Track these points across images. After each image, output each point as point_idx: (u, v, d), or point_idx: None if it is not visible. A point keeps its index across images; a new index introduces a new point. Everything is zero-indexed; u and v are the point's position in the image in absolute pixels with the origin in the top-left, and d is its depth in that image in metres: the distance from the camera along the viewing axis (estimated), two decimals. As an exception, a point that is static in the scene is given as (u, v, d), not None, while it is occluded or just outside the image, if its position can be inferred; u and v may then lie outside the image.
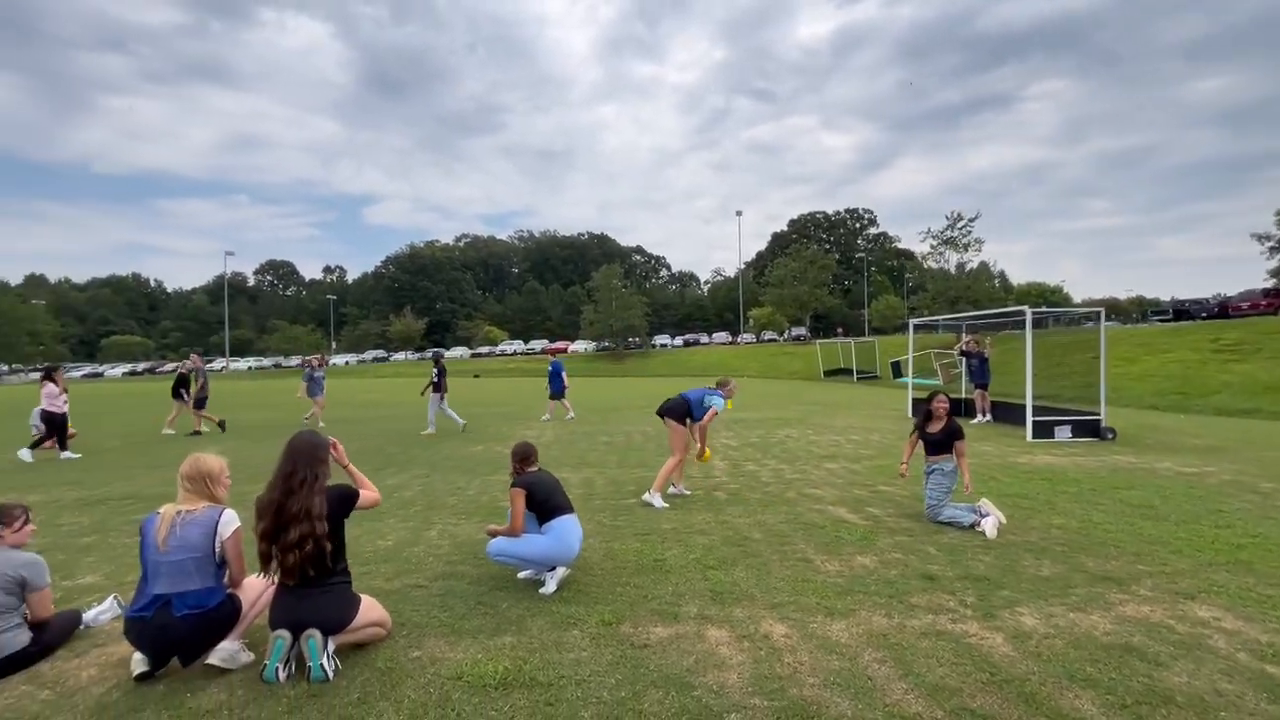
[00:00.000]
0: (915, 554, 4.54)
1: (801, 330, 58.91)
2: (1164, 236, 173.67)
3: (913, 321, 14.75)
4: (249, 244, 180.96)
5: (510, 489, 3.96)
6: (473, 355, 63.31)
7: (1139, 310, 69.19)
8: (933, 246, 39.17)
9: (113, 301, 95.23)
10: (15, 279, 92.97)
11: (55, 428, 10.20)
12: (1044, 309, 11.80)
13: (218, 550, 2.91)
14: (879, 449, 9.53)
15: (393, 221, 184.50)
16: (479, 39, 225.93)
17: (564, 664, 2.96)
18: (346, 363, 61.46)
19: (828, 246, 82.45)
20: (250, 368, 63.34)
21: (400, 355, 68.16)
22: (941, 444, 5.48)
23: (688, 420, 6.30)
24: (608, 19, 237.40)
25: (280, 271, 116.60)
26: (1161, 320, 35.19)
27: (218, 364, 66.29)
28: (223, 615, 2.90)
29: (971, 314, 14.15)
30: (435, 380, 12.74)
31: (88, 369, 64.07)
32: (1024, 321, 10.60)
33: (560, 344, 66.94)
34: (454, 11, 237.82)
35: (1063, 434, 10.19)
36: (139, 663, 2.82)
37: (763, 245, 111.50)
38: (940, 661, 2.96)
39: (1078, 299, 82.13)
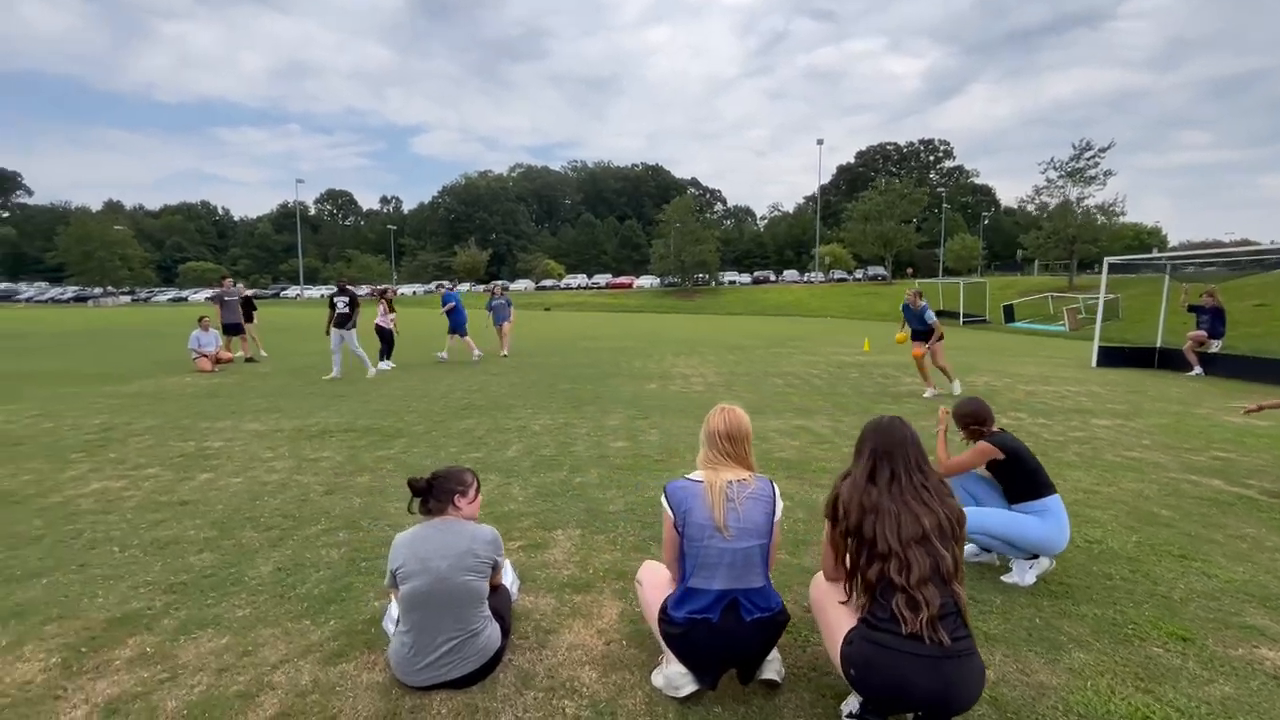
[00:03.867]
0: None
1: (880, 270, 55.92)
2: (1272, 174, 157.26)
3: (1109, 260, 13.10)
4: (302, 173, 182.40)
5: (977, 443, 3.14)
6: (537, 288, 62.88)
7: None
8: (1050, 180, 35.61)
9: (185, 228, 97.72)
10: (95, 205, 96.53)
11: (388, 342, 11.88)
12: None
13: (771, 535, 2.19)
14: (1129, 405, 8.37)
15: (439, 152, 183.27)
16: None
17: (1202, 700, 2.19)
18: (414, 293, 61.96)
19: (898, 181, 77.02)
20: (324, 295, 64.53)
21: (464, 286, 68.38)
22: None
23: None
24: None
25: (339, 201, 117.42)
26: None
27: (291, 291, 67.90)
28: (783, 621, 2.20)
29: (1209, 252, 12.45)
30: (346, 312, 10.49)
31: (172, 293, 66.50)
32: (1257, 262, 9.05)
33: (624, 279, 65.80)
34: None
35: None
36: (683, 679, 2.16)
37: (816, 180, 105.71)
38: None
39: (1173, 242, 75.63)
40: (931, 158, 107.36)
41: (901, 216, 48.29)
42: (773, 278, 63.06)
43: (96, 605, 2.89)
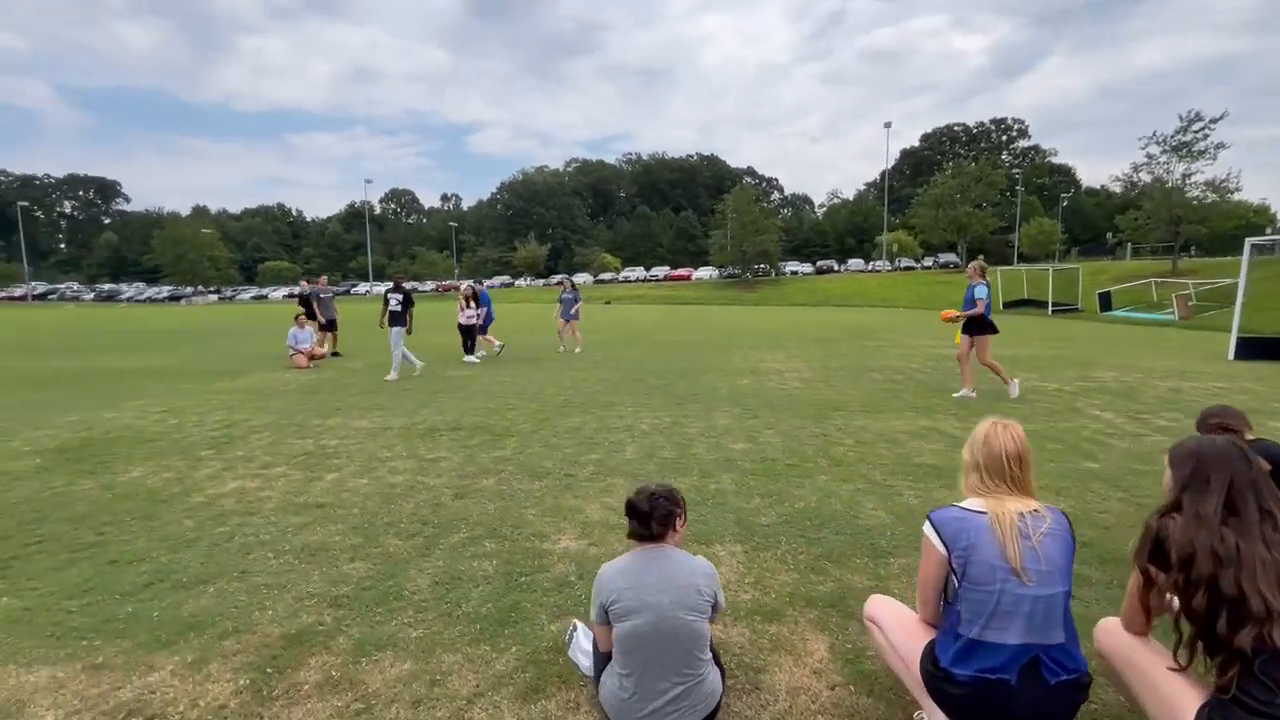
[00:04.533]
0: None
1: (951, 257, 53.15)
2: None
3: (1251, 241, 11.78)
4: (368, 174, 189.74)
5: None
6: (595, 282, 63.15)
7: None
8: (1150, 156, 32.64)
9: (263, 230, 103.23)
10: (184, 210, 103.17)
11: (471, 337, 12.47)
12: None
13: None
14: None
15: (495, 150, 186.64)
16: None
17: None
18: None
19: (974, 164, 72.73)
20: (333, 294, 66.88)
21: (522, 281, 69.43)
22: None
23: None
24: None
25: (402, 200, 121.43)
26: None
27: (361, 288, 70.64)
28: (1088, 684, 1.82)
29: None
30: (399, 311, 10.25)
31: (254, 291, 70.38)
32: None
33: (682, 271, 65.20)
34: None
35: None
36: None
37: (877, 166, 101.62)
38: None
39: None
40: (1004, 137, 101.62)
41: (977, 200, 45.56)
42: (836, 267, 60.98)
43: (267, 618, 2.79)
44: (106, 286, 74.09)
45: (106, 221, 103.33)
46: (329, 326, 13.14)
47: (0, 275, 61.33)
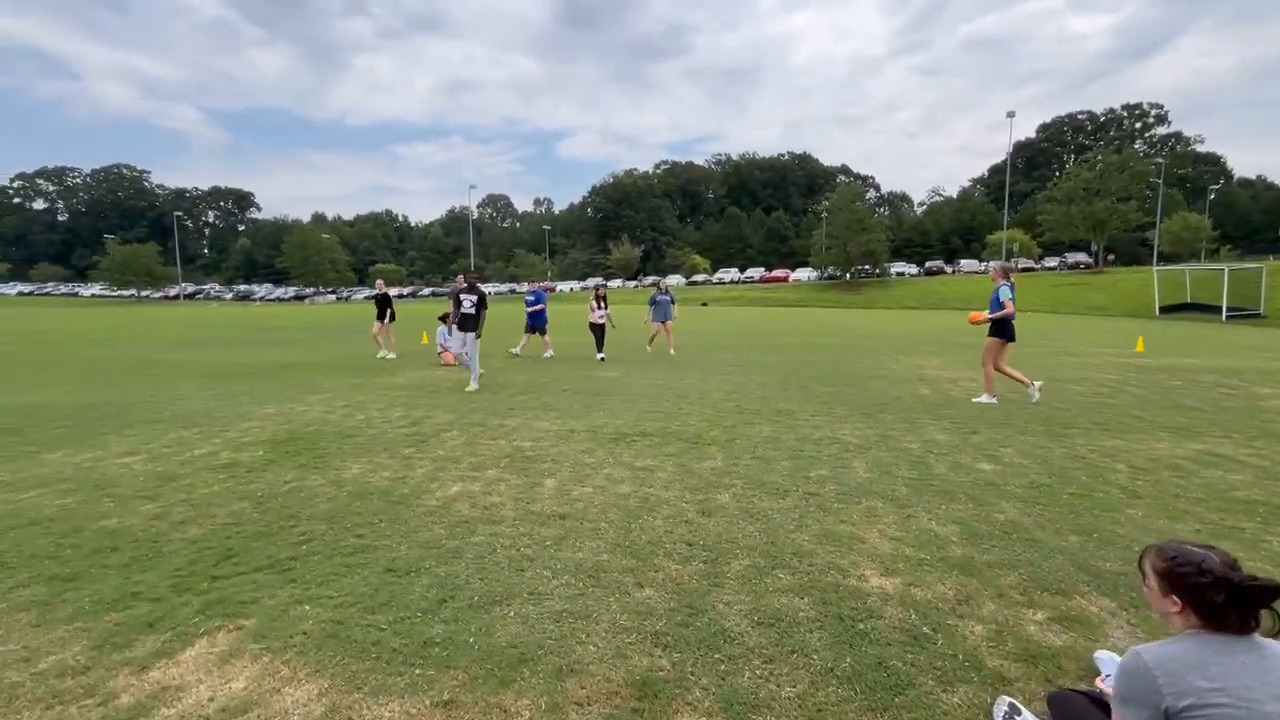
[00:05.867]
0: None
1: (1081, 257, 48.37)
2: None
3: None
4: (464, 181, 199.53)
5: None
6: (688, 283, 62.73)
7: None
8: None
9: (373, 234, 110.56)
10: (305, 217, 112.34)
11: (600, 336, 12.72)
12: None
13: None
14: None
15: (582, 154, 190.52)
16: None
17: None
18: (572, 289, 64.62)
19: (1116, 155, 65.66)
20: (492, 293, 69.72)
21: (615, 283, 70.12)
22: None
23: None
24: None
25: (498, 205, 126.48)
26: None
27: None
28: None
29: None
30: (472, 314, 9.07)
31: (367, 292, 75.33)
32: None
33: (780, 272, 63.51)
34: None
35: None
36: None
37: (979, 161, 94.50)
38: None
39: None
40: (1139, 125, 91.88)
41: (1118, 193, 40.95)
42: (946, 268, 57.17)
43: (593, 655, 2.45)
44: (241, 287, 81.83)
45: (241, 228, 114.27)
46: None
47: (159, 277, 68.80)
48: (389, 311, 13.54)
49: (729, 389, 8.79)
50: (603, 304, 12.82)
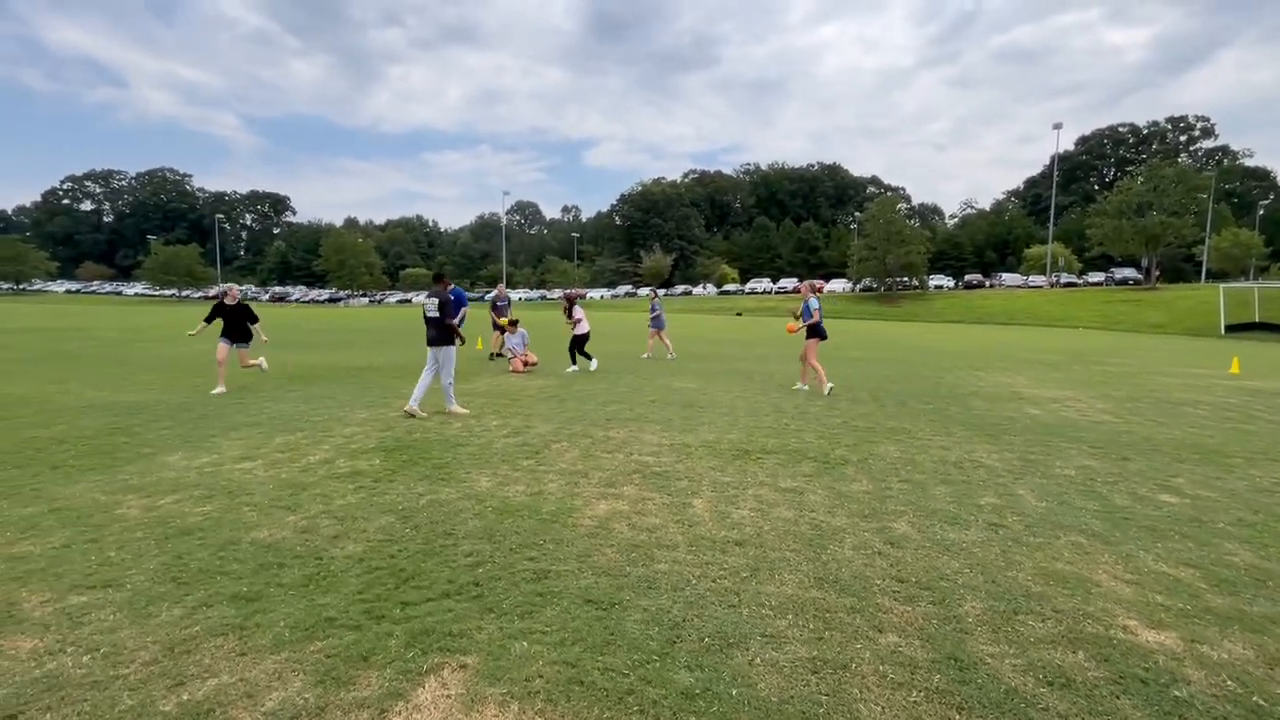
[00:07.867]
0: None
1: (1129, 272, 46.92)
2: None
3: None
4: (492, 189, 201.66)
5: None
6: (719, 293, 62.31)
7: None
8: None
9: (404, 239, 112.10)
10: (338, 221, 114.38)
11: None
12: None
13: None
14: None
15: (608, 163, 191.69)
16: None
17: None
18: (600, 296, 64.59)
19: (1134, 169, 63.74)
20: (521, 298, 70.00)
21: (643, 291, 69.99)
22: None
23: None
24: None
25: (526, 212, 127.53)
26: None
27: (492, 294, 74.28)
28: None
29: None
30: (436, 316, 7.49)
31: (399, 295, 76.22)
32: None
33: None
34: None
35: None
36: None
37: (1012, 174, 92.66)
38: None
39: None
40: (1184, 138, 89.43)
41: (1173, 208, 39.57)
42: (986, 281, 55.95)
43: (879, 714, 2.15)
44: (277, 289, 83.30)
45: (276, 231, 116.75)
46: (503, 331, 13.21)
47: (199, 278, 70.43)
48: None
49: (823, 404, 8.44)
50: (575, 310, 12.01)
